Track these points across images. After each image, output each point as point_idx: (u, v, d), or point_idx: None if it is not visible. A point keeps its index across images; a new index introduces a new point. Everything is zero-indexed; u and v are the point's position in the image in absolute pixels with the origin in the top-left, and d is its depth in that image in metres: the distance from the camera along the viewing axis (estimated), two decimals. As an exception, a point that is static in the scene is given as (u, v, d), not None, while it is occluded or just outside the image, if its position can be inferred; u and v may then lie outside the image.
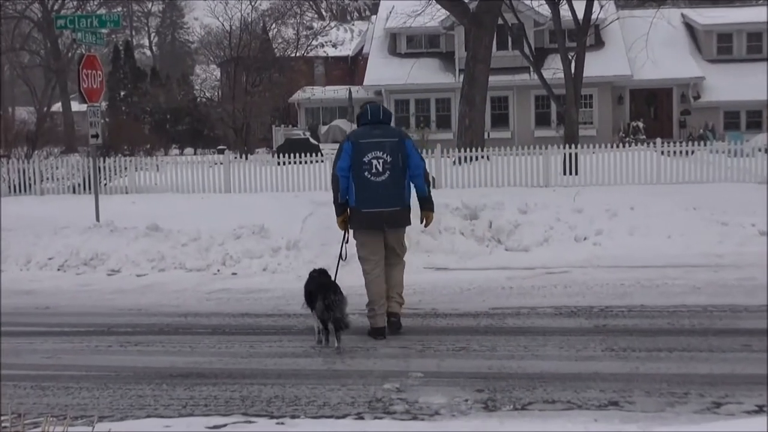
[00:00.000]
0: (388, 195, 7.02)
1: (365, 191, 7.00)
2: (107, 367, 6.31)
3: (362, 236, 7.18)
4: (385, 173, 7.00)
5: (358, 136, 7.11)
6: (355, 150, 7.01)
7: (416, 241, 10.71)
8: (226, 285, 9.73)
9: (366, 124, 7.23)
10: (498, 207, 12.00)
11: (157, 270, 10.70)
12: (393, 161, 7.03)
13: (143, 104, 41.58)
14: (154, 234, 11.62)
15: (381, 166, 6.99)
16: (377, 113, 7.28)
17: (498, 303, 8.18)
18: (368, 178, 6.98)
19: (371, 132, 7.11)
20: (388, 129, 7.24)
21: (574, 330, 6.99)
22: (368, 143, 7.02)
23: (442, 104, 33.94)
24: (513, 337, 6.79)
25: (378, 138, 7.06)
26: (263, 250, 10.88)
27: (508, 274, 9.75)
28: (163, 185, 18.18)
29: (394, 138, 7.13)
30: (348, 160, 7.02)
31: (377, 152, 7.01)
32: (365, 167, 6.98)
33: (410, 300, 8.41)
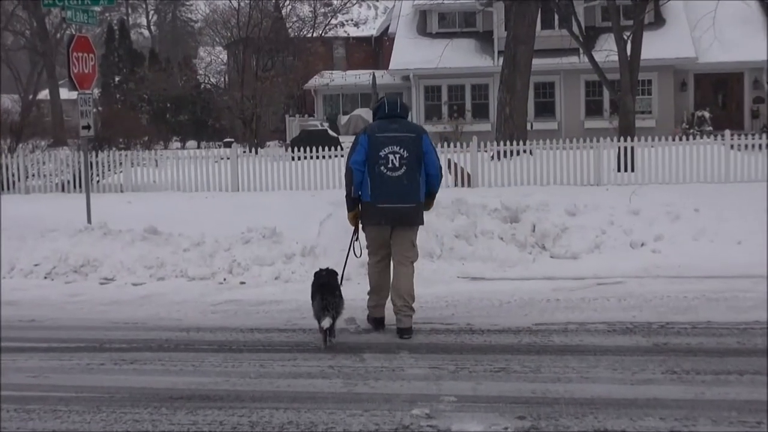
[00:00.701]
0: (403, 191, 7.62)
1: (380, 186, 7.61)
2: (100, 387, 6.36)
3: (372, 231, 7.83)
4: (401, 168, 7.60)
5: (374, 130, 7.73)
6: (371, 144, 7.63)
7: (450, 247, 10.71)
8: (233, 296, 9.77)
9: (383, 117, 7.82)
10: (542, 208, 11.96)
11: (156, 278, 10.77)
12: (410, 157, 7.62)
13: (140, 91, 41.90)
14: (152, 238, 11.70)
15: (397, 161, 7.60)
16: (394, 107, 7.86)
17: (542, 318, 8.15)
18: (384, 172, 7.59)
19: (388, 126, 7.72)
20: (405, 123, 7.84)
21: (629, 349, 6.95)
22: (385, 137, 7.63)
23: (479, 91, 33.89)
24: (559, 356, 6.76)
25: (395, 132, 7.67)
26: (275, 257, 10.92)
27: (554, 284, 9.71)
28: (162, 183, 18.30)
29: (411, 133, 7.73)
30: (363, 153, 7.65)
31: (394, 147, 7.61)
32: (381, 162, 7.58)
33: (442, 314, 8.40)
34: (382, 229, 7.78)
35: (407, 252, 7.82)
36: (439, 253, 10.80)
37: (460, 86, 33.94)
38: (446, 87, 33.99)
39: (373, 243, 7.88)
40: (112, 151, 19.45)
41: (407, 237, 7.83)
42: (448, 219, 11.38)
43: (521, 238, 11.24)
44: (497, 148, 18.01)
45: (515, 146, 17.73)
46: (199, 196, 16.63)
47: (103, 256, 11.29)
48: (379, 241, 7.82)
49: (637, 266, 10.38)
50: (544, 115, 32.91)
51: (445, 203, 11.65)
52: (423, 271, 10.38)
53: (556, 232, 11.33)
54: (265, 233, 11.45)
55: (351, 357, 6.89)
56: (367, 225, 7.85)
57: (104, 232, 11.94)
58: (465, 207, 11.78)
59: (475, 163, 17.53)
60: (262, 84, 36.02)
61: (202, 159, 18.67)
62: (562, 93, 32.88)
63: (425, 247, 10.78)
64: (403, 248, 7.81)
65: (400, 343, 7.30)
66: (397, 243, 7.80)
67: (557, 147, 17.43)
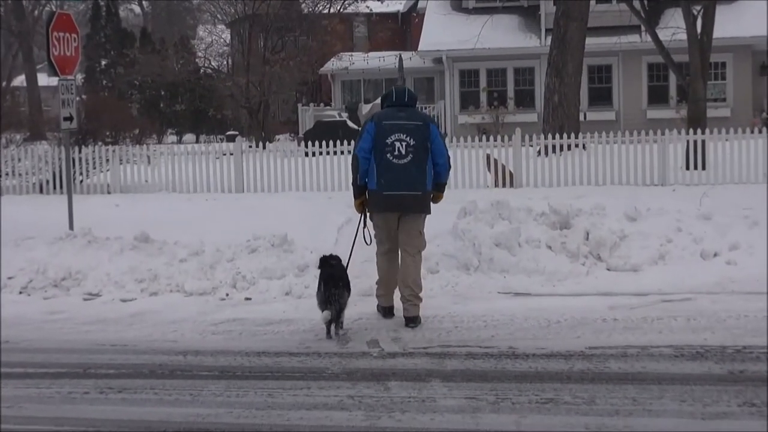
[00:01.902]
0: (409, 178, 8.76)
1: (386, 173, 8.76)
2: (83, 419, 6.39)
3: (378, 219, 9.03)
4: (408, 156, 8.75)
5: (381, 117, 8.91)
6: (378, 131, 8.80)
7: (489, 258, 10.70)
8: (237, 314, 9.80)
9: (391, 105, 9.02)
10: (598, 212, 11.92)
11: (148, 293, 10.82)
12: (416, 145, 8.77)
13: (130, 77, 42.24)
14: (143, 246, 11.75)
15: (404, 148, 8.74)
16: (402, 95, 9.04)
17: (597, 340, 8.11)
18: (390, 160, 8.75)
19: (396, 114, 8.90)
20: (413, 112, 9.01)
21: (700, 377, 6.91)
22: (392, 125, 8.80)
23: (523, 76, 33.87)
24: (617, 385, 6.74)
25: (402, 120, 8.84)
26: (286, 269, 10.95)
27: (611, 301, 9.67)
28: (155, 183, 18.42)
29: (419, 121, 8.90)
30: (370, 141, 8.81)
31: (400, 134, 8.77)
32: (387, 149, 8.74)
33: (480, 335, 8.39)
34: (389, 217, 8.92)
35: (414, 240, 8.94)
36: (477, 265, 10.78)
37: (501, 70, 33.91)
38: (485, 71, 33.98)
39: (381, 231, 9.06)
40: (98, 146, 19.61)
41: (414, 226, 8.94)
42: (486, 225, 11.36)
43: (573, 247, 11.20)
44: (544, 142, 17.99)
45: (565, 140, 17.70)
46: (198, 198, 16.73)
47: (88, 267, 11.35)
48: (386, 229, 8.98)
49: (708, 280, 10.31)
50: (599, 103, 32.81)
51: (483, 206, 11.64)
52: (458, 285, 10.40)
53: (613, 241, 11.28)
54: (274, 241, 11.47)
55: (374, 385, 6.89)
56: (374, 213, 9.02)
57: (88, 239, 12.01)
58: (507, 211, 11.75)
59: (519, 160, 17.52)
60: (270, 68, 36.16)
61: (202, 155, 18.78)
62: (621, 77, 32.77)
63: (460, 257, 10.78)
64: (410, 237, 8.91)
65: (430, 370, 7.30)
66: (404, 232, 8.92)
67: (615, 140, 17.38)
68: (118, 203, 15.94)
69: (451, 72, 33.86)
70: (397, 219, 8.94)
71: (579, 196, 14.73)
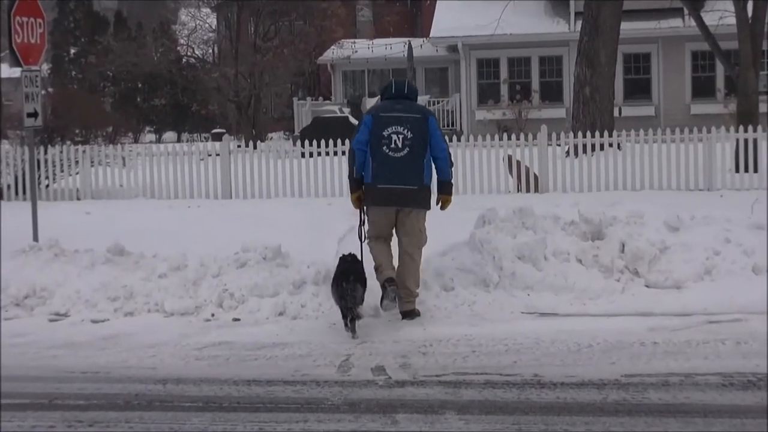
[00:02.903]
0: (405, 172, 9.61)
1: (382, 166, 9.63)
2: (49, 457, 6.38)
3: (374, 214, 9.91)
4: (405, 149, 9.60)
5: (379, 110, 9.88)
6: (375, 123, 9.69)
7: (511, 272, 10.69)
8: (224, 337, 9.80)
9: (390, 98, 9.94)
10: (635, 221, 11.89)
11: (123, 313, 10.82)
12: (414, 138, 9.62)
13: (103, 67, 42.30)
14: (118, 260, 11.76)
15: (401, 141, 9.59)
16: (402, 88, 9.97)
17: (635, 367, 8.10)
18: (386, 153, 9.61)
19: (394, 106, 9.81)
20: (411, 105, 9.89)
21: (751, 409, 6.90)
22: (389, 117, 9.68)
23: (550, 65, 33.89)
24: (658, 418, 6.72)
25: (399, 113, 9.70)
26: (280, 285, 10.94)
27: (651, 322, 9.66)
28: (131, 187, 18.45)
29: (417, 114, 9.78)
30: (367, 133, 9.69)
31: (397, 127, 9.62)
32: (384, 141, 9.61)
33: (501, 361, 8.38)
34: (385, 212, 9.81)
35: (414, 239, 9.84)
36: (497, 281, 10.77)
37: (524, 59, 33.94)
38: (506, 60, 34.01)
39: (374, 227, 9.96)
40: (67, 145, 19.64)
41: (414, 224, 9.82)
42: (508, 235, 11.34)
43: (606, 260, 11.18)
44: (574, 141, 18.00)
45: (598, 138, 17.68)
46: (180, 205, 16.74)
47: (54, 284, 11.36)
48: (382, 225, 9.89)
49: (761, 298, 10.28)
50: (636, 96, 32.81)
51: (504, 214, 11.63)
52: (475, 304, 10.40)
53: (652, 253, 11.26)
54: (266, 254, 11.46)
55: (380, 418, 6.88)
56: (370, 207, 9.91)
57: (55, 252, 12.01)
58: (531, 219, 11.73)
59: (545, 161, 17.52)
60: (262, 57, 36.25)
61: (184, 156, 18.79)
62: (661, 68, 32.76)
63: (478, 272, 10.76)
64: (411, 236, 9.80)
65: (444, 400, 7.29)
66: (404, 231, 9.82)
67: (654, 139, 17.37)
68: (89, 211, 15.95)
69: (467, 61, 33.90)
70: (395, 215, 9.81)
71: (613, 202, 14.70)
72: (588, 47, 22.00)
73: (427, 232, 10.19)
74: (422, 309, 10.12)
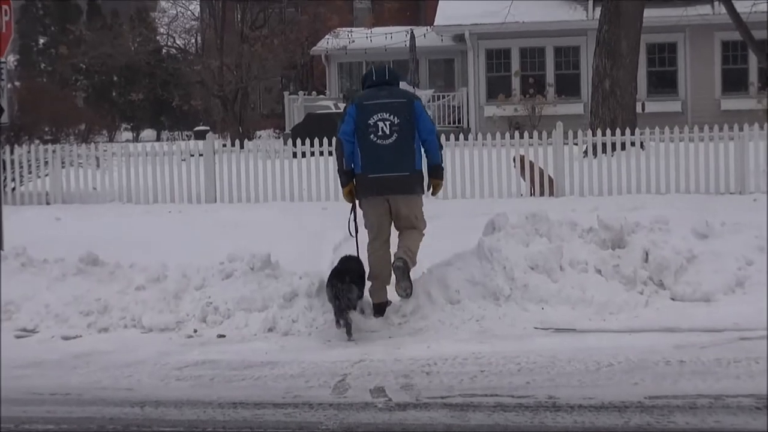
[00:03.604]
0: (396, 159, 10.24)
1: (371, 155, 10.24)
2: (15, 487, 6.38)
3: (366, 205, 10.51)
4: (393, 136, 10.23)
5: (362, 98, 10.47)
6: (360, 112, 10.31)
7: (523, 284, 10.68)
8: (208, 355, 9.79)
9: (372, 86, 10.57)
10: (659, 227, 11.89)
11: (97, 329, 10.81)
12: (401, 123, 10.25)
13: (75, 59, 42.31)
14: (91, 271, 11.75)
15: (388, 128, 10.21)
16: (383, 74, 10.68)
17: (659, 388, 8.09)
18: (374, 141, 10.23)
19: (377, 93, 10.43)
20: (395, 90, 10.57)
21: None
22: (374, 104, 10.30)
23: (566, 56, 33.89)
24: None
25: (384, 99, 10.33)
26: (269, 298, 10.93)
27: (677, 339, 9.65)
28: (106, 191, 18.44)
29: (401, 99, 10.43)
30: (352, 123, 10.32)
31: (383, 114, 10.24)
32: (371, 130, 10.23)
33: (513, 382, 8.37)
34: (378, 203, 10.36)
35: (411, 223, 10.44)
36: (508, 293, 10.76)
37: (538, 50, 33.93)
38: (518, 51, 34.00)
39: (369, 219, 10.52)
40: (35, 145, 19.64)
41: (409, 210, 10.42)
42: (520, 243, 11.34)
43: (628, 271, 11.18)
44: (592, 140, 17.99)
45: (619, 136, 17.68)
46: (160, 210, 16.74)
47: (21, 297, 11.35)
48: (376, 215, 10.43)
49: (798, 312, 10.28)
50: (661, 90, 32.81)
51: (515, 220, 11.62)
52: (484, 319, 10.39)
53: (679, 263, 11.26)
54: (254, 264, 11.46)
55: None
56: (362, 198, 10.48)
57: (22, 262, 12.01)
58: (545, 225, 11.73)
59: (560, 162, 17.52)
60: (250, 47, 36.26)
61: (164, 156, 18.79)
62: (688, 59, 32.75)
63: (487, 284, 10.75)
64: (408, 222, 10.43)
65: (449, 425, 7.28)
66: (400, 218, 10.43)
67: (681, 137, 17.37)
68: (59, 216, 15.94)
69: (475, 52, 33.89)
70: (387, 204, 10.39)
71: (636, 207, 14.70)
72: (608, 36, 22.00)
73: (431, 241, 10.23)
74: (425, 324, 10.15)
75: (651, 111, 30.25)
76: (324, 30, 39.77)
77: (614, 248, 11.56)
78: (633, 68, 22.52)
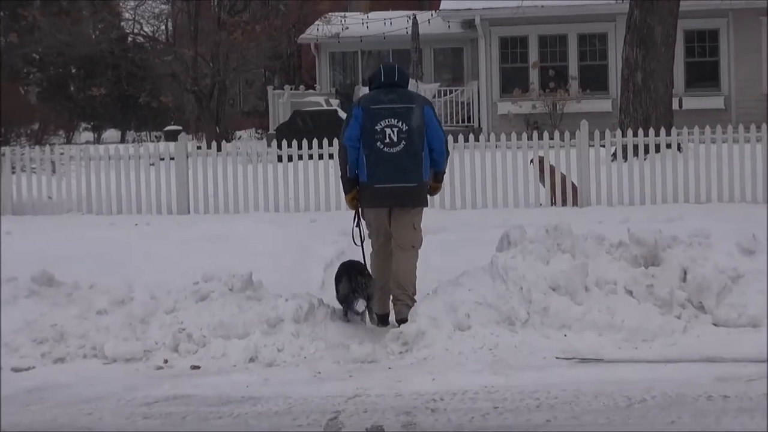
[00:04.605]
0: (403, 168, 10.77)
1: (378, 164, 10.76)
2: None
3: (370, 215, 11.12)
4: (400, 143, 10.74)
5: (369, 101, 10.96)
6: (366, 117, 10.78)
7: (543, 307, 10.68)
8: (180, 389, 9.77)
9: (379, 87, 11.01)
10: (699, 242, 11.90)
11: (52, 360, 10.80)
12: (410, 130, 10.76)
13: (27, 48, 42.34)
14: (46, 292, 11.74)
15: (396, 135, 10.71)
16: (392, 75, 11.03)
17: (700, 426, 8.09)
18: (381, 149, 10.73)
19: (384, 96, 10.89)
20: (404, 93, 11.02)
21: None
22: (381, 109, 10.77)
23: (592, 45, 33.91)
24: (729, 493, 6.71)
25: (392, 104, 10.79)
26: (251, 324, 10.93)
27: (720, 370, 9.64)
28: (64, 200, 18.43)
29: (411, 104, 10.90)
30: (358, 128, 10.79)
31: (391, 119, 10.72)
32: (377, 136, 10.72)
33: (531, 419, 8.37)
34: (380, 212, 10.97)
35: (408, 235, 11.00)
36: (525, 318, 10.76)
37: (559, 38, 33.96)
38: (536, 39, 34.02)
39: (373, 229, 11.13)
40: (-20, 147, 19.61)
41: (408, 220, 10.99)
42: (538, 260, 11.33)
43: (664, 292, 11.18)
44: (622, 141, 18.00)
45: (652, 137, 17.68)
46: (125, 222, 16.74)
47: (-36, 322, 11.34)
48: (377, 225, 11.07)
49: None
50: (701, 84, 32.83)
51: (534, 233, 11.62)
52: (498, 347, 10.39)
53: (722, 283, 11.26)
54: (233, 284, 11.46)
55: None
56: (366, 208, 11.12)
57: (-34, 282, 11.99)
58: (568, 240, 11.73)
59: (585, 166, 17.53)
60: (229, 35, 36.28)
61: (130, 160, 18.79)
62: (732, 48, 32.79)
63: (501, 307, 10.75)
64: (404, 232, 10.98)
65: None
66: (397, 226, 10.98)
67: (723, 138, 17.37)
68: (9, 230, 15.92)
69: (487, 40, 33.90)
70: (389, 213, 10.99)
71: (672, 218, 14.70)
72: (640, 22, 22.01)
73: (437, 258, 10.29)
74: (430, 353, 10.15)
75: (689, 108, 30.28)
76: (314, 15, 39.80)
77: (647, 266, 11.57)
78: (669, 59, 22.51)
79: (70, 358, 10.81)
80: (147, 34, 42.01)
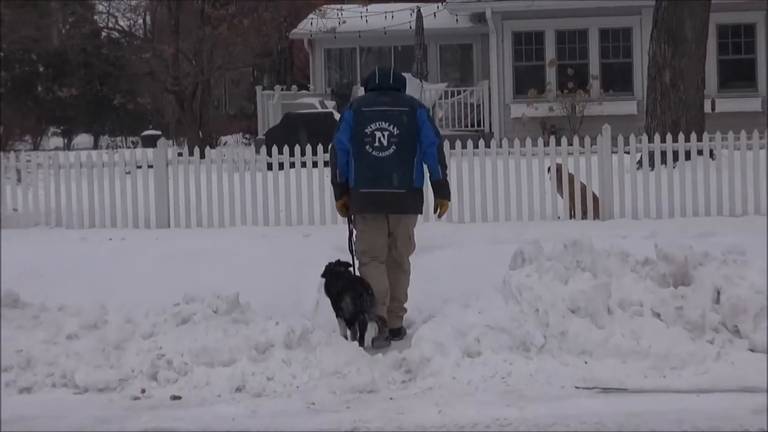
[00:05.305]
0: (392, 174, 11.30)
1: (365, 168, 11.35)
2: None
3: (361, 223, 11.65)
4: (390, 148, 11.28)
5: (361, 104, 11.60)
6: (357, 119, 11.41)
7: (561, 331, 10.67)
8: (159, 422, 9.77)
9: (373, 89, 11.67)
10: (734, 259, 11.90)
11: (17, 390, 10.79)
12: (401, 134, 11.32)
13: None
14: (10, 314, 11.73)
15: (386, 139, 11.27)
16: (387, 78, 11.68)
17: (735, 464, 8.08)
18: (369, 152, 11.30)
19: (377, 99, 11.53)
20: (398, 96, 11.62)
21: None
22: (372, 112, 11.38)
23: (615, 41, 33.97)
24: None
25: (384, 106, 11.39)
26: (237, 349, 10.92)
27: (757, 401, 9.63)
28: (30, 212, 18.42)
29: (403, 107, 11.47)
30: (348, 131, 11.43)
31: (382, 123, 11.30)
32: (367, 140, 11.30)
33: (548, 456, 8.35)
34: (375, 221, 11.54)
35: (402, 247, 11.72)
36: (541, 343, 10.75)
37: (579, 33, 34.00)
38: (553, 34, 34.06)
39: (365, 241, 11.62)
40: (-61, 154, 19.61)
41: (402, 230, 11.67)
42: (556, 279, 11.33)
43: (695, 314, 11.17)
44: (649, 147, 17.98)
45: (682, 143, 17.67)
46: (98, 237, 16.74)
47: None
48: (373, 237, 11.57)
49: None
50: (735, 84, 32.87)
51: (551, 249, 11.61)
52: (511, 375, 10.39)
53: (759, 305, 11.25)
54: (217, 306, 11.46)
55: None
56: (355, 214, 11.66)
57: None
58: (589, 257, 11.73)
59: (608, 175, 17.51)
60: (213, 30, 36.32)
61: (104, 168, 18.78)
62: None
63: (514, 331, 10.74)
64: (399, 242, 11.67)
65: None
66: (390, 237, 11.60)
67: (761, 144, 17.37)
68: (-30, 245, 15.94)
69: (499, 36, 33.94)
70: (386, 223, 11.59)
71: (703, 233, 14.69)
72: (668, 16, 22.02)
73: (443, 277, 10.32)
74: (436, 382, 10.12)
75: (723, 110, 30.29)
76: (307, 8, 39.87)
77: (677, 285, 11.57)
78: (700, 56, 22.51)
79: (37, 387, 10.80)
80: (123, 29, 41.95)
